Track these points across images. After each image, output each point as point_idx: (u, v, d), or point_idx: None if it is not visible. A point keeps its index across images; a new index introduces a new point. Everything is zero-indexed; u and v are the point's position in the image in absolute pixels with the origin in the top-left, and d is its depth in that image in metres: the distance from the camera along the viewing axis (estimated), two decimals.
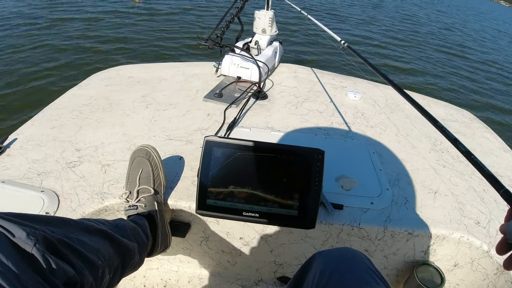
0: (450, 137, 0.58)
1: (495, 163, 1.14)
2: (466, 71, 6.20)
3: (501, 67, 7.06)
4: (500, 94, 5.35)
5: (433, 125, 0.63)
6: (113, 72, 1.51)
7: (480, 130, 1.37)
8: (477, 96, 5.07)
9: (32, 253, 0.38)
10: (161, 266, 0.99)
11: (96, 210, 0.80)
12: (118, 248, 0.58)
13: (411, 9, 13.98)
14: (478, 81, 5.76)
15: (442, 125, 0.61)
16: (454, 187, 0.97)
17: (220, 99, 1.31)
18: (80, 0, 7.16)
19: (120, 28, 5.61)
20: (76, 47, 4.60)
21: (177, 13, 7.05)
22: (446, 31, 10.26)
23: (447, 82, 5.41)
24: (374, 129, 1.22)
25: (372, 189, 0.91)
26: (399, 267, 0.90)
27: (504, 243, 0.40)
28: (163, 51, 4.85)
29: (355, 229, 0.82)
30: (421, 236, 0.82)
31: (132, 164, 0.80)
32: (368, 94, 1.49)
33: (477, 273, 0.83)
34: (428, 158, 1.09)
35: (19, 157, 0.94)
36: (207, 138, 0.73)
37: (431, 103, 1.54)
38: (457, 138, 0.56)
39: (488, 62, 7.22)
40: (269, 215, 0.73)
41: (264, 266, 0.95)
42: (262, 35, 1.60)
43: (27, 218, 0.42)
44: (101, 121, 1.12)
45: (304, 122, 1.21)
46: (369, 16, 9.85)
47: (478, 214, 0.88)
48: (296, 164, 0.72)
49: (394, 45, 7.10)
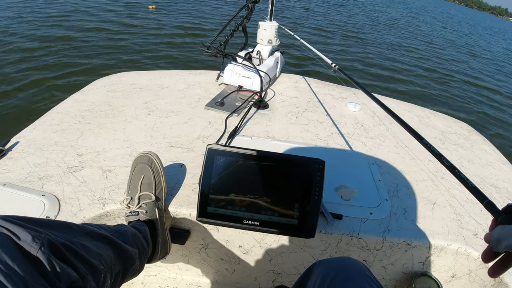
0: (435, 152, 0.61)
1: (493, 175, 1.15)
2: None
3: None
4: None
5: (419, 142, 0.67)
6: (116, 78, 1.53)
7: (478, 142, 1.39)
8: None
9: (37, 256, 0.39)
10: (159, 273, 0.99)
11: (97, 215, 0.81)
12: (119, 253, 0.58)
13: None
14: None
15: (427, 142, 0.65)
16: (452, 199, 0.98)
17: (221, 108, 1.32)
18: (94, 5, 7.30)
19: (134, 34, 5.71)
20: (86, 51, 4.65)
21: (190, 21, 7.13)
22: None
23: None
24: (374, 140, 1.24)
25: (371, 200, 0.92)
26: (397, 277, 0.91)
27: (489, 252, 0.43)
28: (174, 57, 4.92)
29: (354, 239, 0.82)
30: (420, 247, 0.82)
31: (134, 170, 0.81)
32: (368, 105, 1.51)
33: (474, 284, 0.84)
34: (426, 169, 1.10)
35: (21, 161, 0.94)
36: (210, 146, 0.74)
37: (430, 115, 1.56)
38: (441, 154, 0.60)
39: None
40: (269, 223, 0.73)
41: (263, 275, 0.95)
42: (264, 45, 1.62)
43: (31, 222, 0.43)
44: (103, 126, 1.13)
45: (305, 132, 1.23)
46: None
47: (476, 225, 0.89)
48: (296, 174, 0.73)
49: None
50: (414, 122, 1.45)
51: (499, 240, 0.40)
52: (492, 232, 0.42)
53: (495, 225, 0.43)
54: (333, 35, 8.20)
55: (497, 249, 0.41)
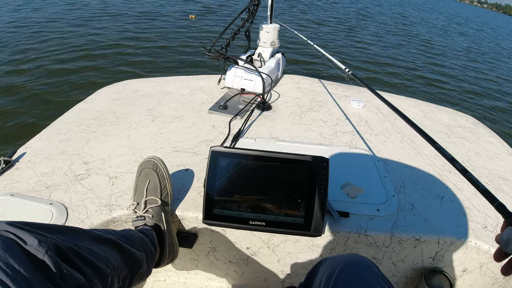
0: (447, 156, 0.62)
1: (500, 167, 1.13)
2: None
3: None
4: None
5: (432, 146, 0.68)
6: (120, 86, 1.54)
7: (484, 135, 1.37)
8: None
9: (44, 260, 0.39)
10: (168, 278, 0.99)
11: (104, 221, 0.81)
12: (126, 257, 0.59)
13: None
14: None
15: (440, 146, 0.65)
16: (460, 192, 0.96)
17: (224, 111, 1.32)
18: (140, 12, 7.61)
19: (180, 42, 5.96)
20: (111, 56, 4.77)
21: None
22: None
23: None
24: (379, 137, 1.23)
25: (378, 196, 0.91)
26: (408, 274, 0.90)
27: (500, 252, 0.45)
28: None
29: (361, 236, 0.82)
30: (429, 242, 0.81)
31: (140, 175, 0.81)
32: (372, 103, 1.50)
33: (486, 277, 0.82)
34: (433, 164, 1.09)
35: (28, 171, 0.95)
36: (213, 149, 0.74)
37: (435, 110, 1.55)
38: (454, 158, 0.61)
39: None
40: (276, 223, 0.73)
41: (272, 276, 0.95)
42: (265, 47, 1.63)
43: (38, 227, 0.43)
44: (108, 134, 1.14)
45: (309, 132, 1.22)
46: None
47: (485, 218, 0.87)
48: (300, 173, 0.73)
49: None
50: (419, 117, 1.44)
51: (508, 241, 0.41)
52: (502, 233, 0.43)
53: (506, 226, 0.43)
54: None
55: (506, 250, 0.42)
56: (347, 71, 1.28)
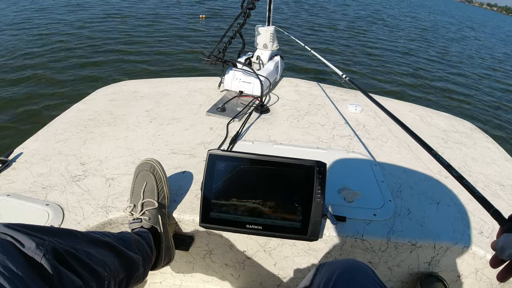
0: (444, 163, 0.62)
1: (497, 173, 1.14)
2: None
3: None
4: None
5: (428, 152, 0.68)
6: (118, 87, 1.54)
7: (481, 140, 1.38)
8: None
9: (41, 263, 0.39)
10: (164, 280, 0.99)
11: (101, 223, 0.81)
12: (123, 260, 0.59)
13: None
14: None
15: (436, 153, 0.66)
16: (456, 198, 0.97)
17: (222, 113, 1.32)
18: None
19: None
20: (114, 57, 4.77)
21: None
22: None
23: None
24: (376, 141, 1.23)
25: (375, 201, 0.91)
26: (403, 279, 0.90)
27: (496, 258, 0.45)
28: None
29: (358, 241, 0.82)
30: (425, 247, 0.82)
31: (137, 177, 0.81)
32: (369, 107, 1.51)
33: (481, 283, 0.83)
34: (430, 169, 1.09)
35: (24, 171, 0.95)
36: (211, 152, 0.74)
37: (432, 115, 1.55)
38: (450, 164, 0.61)
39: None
40: (272, 227, 0.73)
41: (268, 280, 0.95)
42: (264, 50, 1.63)
43: (35, 229, 0.43)
44: (105, 135, 1.14)
45: (306, 135, 1.23)
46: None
47: (481, 223, 0.88)
48: (297, 177, 0.73)
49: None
50: (416, 122, 1.44)
51: (504, 248, 0.41)
52: (498, 240, 0.43)
53: (501, 233, 0.44)
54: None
55: (502, 256, 0.42)
56: (344, 77, 1.28)
